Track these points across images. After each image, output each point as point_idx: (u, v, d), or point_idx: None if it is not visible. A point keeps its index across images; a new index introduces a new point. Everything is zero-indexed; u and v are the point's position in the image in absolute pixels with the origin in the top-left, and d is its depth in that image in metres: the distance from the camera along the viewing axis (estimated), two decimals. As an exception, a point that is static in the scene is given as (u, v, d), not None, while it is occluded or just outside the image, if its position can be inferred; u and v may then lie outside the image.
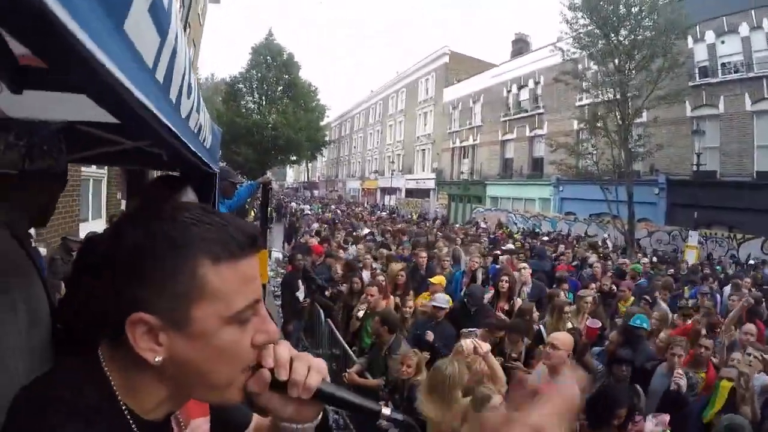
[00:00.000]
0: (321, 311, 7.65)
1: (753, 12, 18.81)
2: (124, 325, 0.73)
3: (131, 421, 0.77)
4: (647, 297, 7.79)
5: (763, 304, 7.78)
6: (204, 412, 1.03)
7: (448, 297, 6.12)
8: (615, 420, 3.64)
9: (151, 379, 0.78)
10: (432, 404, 3.56)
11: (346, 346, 6.23)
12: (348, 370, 5.42)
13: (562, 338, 4.17)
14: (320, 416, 0.93)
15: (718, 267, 14.34)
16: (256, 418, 1.13)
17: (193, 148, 1.52)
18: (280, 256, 15.32)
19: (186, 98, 1.31)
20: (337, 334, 6.65)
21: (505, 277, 6.77)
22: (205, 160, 2.22)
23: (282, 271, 11.88)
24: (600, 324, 4.91)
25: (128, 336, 0.73)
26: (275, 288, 10.74)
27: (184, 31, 16.39)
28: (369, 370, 5.33)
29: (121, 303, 0.73)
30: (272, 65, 38.87)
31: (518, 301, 6.63)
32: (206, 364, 0.76)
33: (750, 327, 5.73)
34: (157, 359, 0.74)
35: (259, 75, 38.68)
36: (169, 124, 1.04)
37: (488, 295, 6.80)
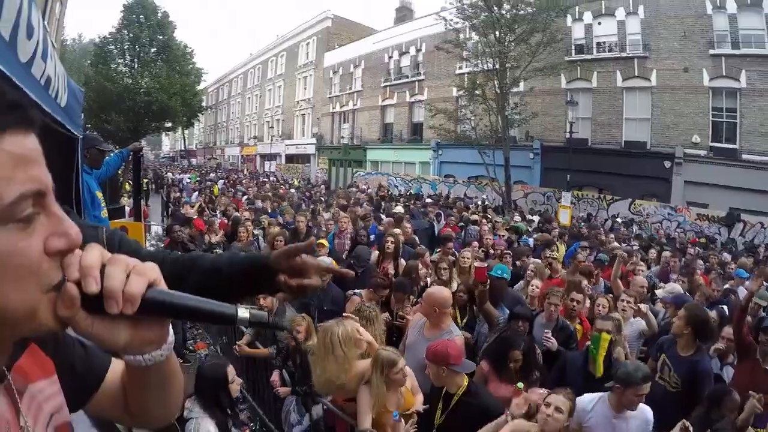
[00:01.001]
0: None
1: (630, -1, 20.62)
2: None
3: None
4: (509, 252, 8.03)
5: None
6: (46, 372, 0.83)
7: (330, 260, 6.02)
8: (511, 362, 3.82)
9: None
10: (328, 365, 3.48)
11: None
12: (238, 342, 5.25)
13: (432, 293, 4.25)
14: (171, 339, 0.77)
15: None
16: (117, 361, 0.95)
17: (36, 100, 1.29)
18: (160, 229, 14.50)
19: (25, 39, 1.08)
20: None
21: (390, 238, 6.84)
22: (59, 119, 1.95)
23: (162, 245, 11.25)
24: (487, 264, 5.07)
25: None
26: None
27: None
28: (258, 339, 5.20)
29: None
30: (146, 25, 36.12)
31: (403, 262, 6.68)
32: None
33: (641, 280, 6.33)
34: None
35: (131, 35, 35.84)
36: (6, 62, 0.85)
37: (373, 257, 6.86)
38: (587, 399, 3.43)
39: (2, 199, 0.56)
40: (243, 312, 0.73)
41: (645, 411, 3.33)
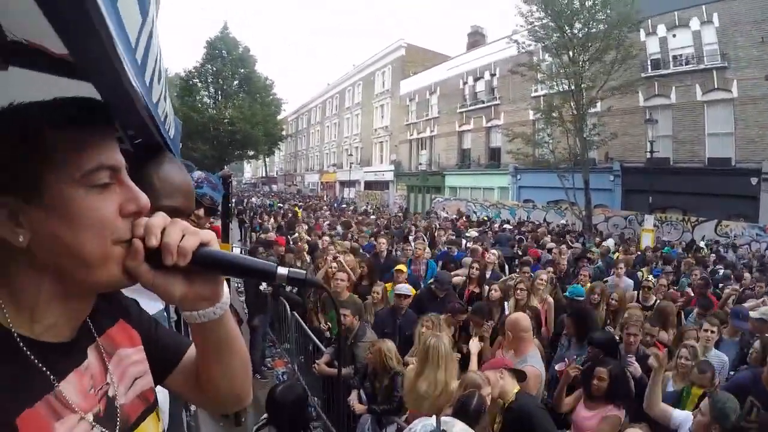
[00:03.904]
0: (286, 304, 7.58)
1: (704, 7, 19.64)
2: None
3: (18, 339, 0.74)
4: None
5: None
6: (133, 342, 0.99)
7: (409, 286, 6.12)
8: (595, 380, 3.76)
9: (28, 270, 0.76)
10: (428, 381, 3.61)
11: (314, 337, 6.19)
12: (317, 361, 5.41)
13: (509, 318, 4.33)
14: (224, 299, 0.89)
15: (666, 249, 14.81)
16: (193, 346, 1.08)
17: (165, 136, 1.50)
18: (240, 251, 15.02)
19: (157, 83, 1.26)
20: (304, 326, 6.59)
21: (476, 264, 6.90)
22: (172, 151, 2.18)
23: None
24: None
25: None
26: (238, 284, 10.55)
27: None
28: (337, 359, 5.32)
29: None
30: (228, 59, 38.25)
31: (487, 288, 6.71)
32: (71, 235, 0.73)
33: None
34: (21, 239, 0.72)
35: (215, 69, 38.00)
36: (149, 107, 1.03)
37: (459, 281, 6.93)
38: (682, 416, 3.36)
39: (83, 167, 0.74)
40: (282, 270, 0.83)
41: None
